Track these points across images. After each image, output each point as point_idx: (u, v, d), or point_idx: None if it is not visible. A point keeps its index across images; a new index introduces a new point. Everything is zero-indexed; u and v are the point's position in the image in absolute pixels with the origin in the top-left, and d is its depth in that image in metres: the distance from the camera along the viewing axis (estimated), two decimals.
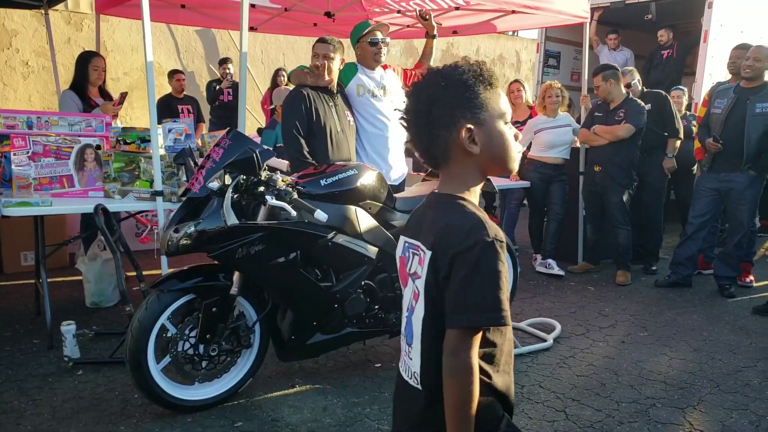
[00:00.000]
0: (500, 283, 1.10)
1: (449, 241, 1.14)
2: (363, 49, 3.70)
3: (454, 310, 1.11)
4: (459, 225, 1.15)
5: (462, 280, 1.10)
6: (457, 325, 1.11)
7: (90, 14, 7.94)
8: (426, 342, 1.19)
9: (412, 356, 1.23)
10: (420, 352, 1.20)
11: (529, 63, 12.45)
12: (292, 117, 3.41)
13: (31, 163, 3.37)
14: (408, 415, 1.26)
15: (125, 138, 3.63)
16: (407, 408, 1.26)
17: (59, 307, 3.89)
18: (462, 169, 1.22)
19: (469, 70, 1.21)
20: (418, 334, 1.20)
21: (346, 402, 2.83)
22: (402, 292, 1.30)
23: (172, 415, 2.65)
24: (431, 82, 1.21)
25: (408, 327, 1.24)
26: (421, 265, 1.19)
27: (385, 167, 3.70)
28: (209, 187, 2.51)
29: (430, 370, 1.18)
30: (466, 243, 1.11)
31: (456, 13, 5.51)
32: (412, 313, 1.22)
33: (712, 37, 6.23)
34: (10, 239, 4.79)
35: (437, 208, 1.23)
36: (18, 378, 3.00)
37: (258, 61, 9.29)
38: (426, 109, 1.19)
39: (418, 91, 1.22)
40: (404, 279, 1.28)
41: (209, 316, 2.62)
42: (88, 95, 4.40)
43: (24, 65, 7.79)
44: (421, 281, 1.19)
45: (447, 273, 1.13)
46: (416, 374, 1.21)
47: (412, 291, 1.23)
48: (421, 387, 1.21)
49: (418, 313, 1.20)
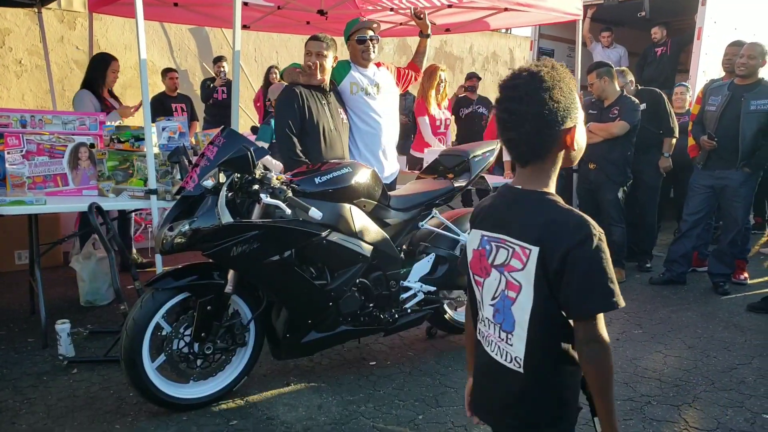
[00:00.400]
0: (612, 270, 1.25)
1: (559, 237, 1.25)
2: (352, 47, 3.70)
3: (584, 301, 1.24)
4: (564, 221, 1.27)
5: (585, 273, 1.23)
6: (590, 314, 1.24)
7: (83, 13, 7.91)
8: (533, 331, 1.29)
9: (512, 342, 1.33)
10: (526, 340, 1.30)
11: (523, 61, 12.42)
12: (284, 116, 3.40)
13: (24, 161, 3.35)
14: (503, 394, 1.37)
15: (119, 136, 3.62)
16: (503, 388, 1.37)
17: (54, 306, 3.88)
18: (551, 165, 1.34)
19: (565, 72, 1.33)
20: (523, 322, 1.30)
21: (341, 400, 2.84)
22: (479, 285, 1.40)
23: (167, 414, 2.65)
24: (538, 84, 1.28)
25: (504, 315, 1.34)
26: (522, 259, 1.29)
27: (378, 165, 3.70)
28: (204, 185, 2.51)
29: (536, 355, 1.30)
30: (577, 238, 1.23)
31: (449, 10, 5.51)
32: (512, 303, 1.32)
33: (706, 34, 6.25)
34: (3, 238, 4.77)
35: (528, 203, 1.33)
36: (13, 377, 2.99)
37: (251, 59, 9.27)
38: (538, 110, 1.27)
39: (525, 93, 1.28)
40: (481, 270, 1.39)
41: (204, 314, 2.61)
42: (102, 96, 4.55)
43: (17, 64, 7.75)
44: (523, 274, 1.29)
45: (559, 267, 1.24)
46: (518, 359, 1.32)
47: (504, 281, 1.33)
48: (523, 371, 1.31)
49: (522, 304, 1.30)
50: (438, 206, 3.36)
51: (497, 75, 12.38)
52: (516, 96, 1.29)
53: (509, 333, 1.34)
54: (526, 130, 1.29)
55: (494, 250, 1.36)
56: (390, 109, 3.81)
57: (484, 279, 1.39)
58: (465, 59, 11.89)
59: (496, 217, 1.39)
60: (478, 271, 1.41)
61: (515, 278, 1.31)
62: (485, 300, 1.40)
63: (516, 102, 1.29)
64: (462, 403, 2.82)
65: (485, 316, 1.41)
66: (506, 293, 1.33)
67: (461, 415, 2.73)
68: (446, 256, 3.25)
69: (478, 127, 6.68)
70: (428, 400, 2.87)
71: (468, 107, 7.16)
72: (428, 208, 3.30)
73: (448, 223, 3.32)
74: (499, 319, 1.36)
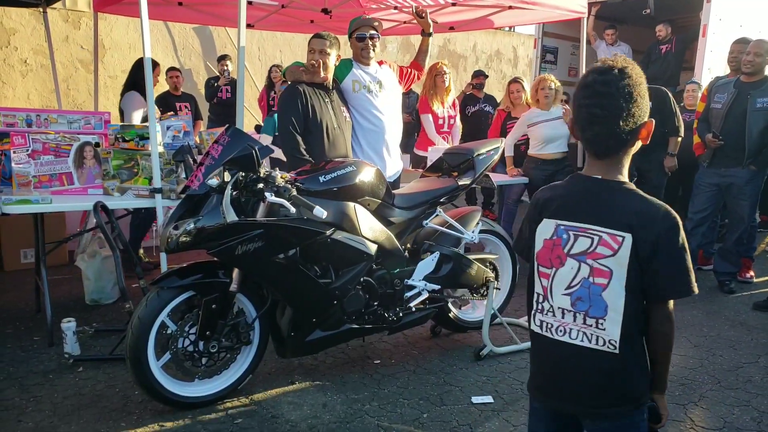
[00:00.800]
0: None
1: (650, 225, 1.36)
2: (353, 45, 3.71)
3: (672, 284, 1.38)
4: (654, 210, 1.38)
5: (674, 257, 1.36)
6: (680, 295, 1.39)
7: (88, 12, 7.93)
8: (628, 313, 1.39)
9: (604, 326, 1.40)
10: (621, 323, 1.39)
11: (527, 59, 12.44)
12: (288, 114, 3.40)
13: (30, 160, 3.37)
14: (594, 377, 1.44)
15: (124, 135, 3.63)
16: (593, 371, 1.43)
17: (59, 305, 3.90)
18: (626, 157, 1.44)
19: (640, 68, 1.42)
20: (618, 306, 1.39)
21: (345, 398, 2.84)
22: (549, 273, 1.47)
23: (172, 412, 2.66)
24: (629, 81, 1.37)
25: (591, 301, 1.41)
26: (612, 247, 1.38)
27: (380, 163, 3.69)
28: (208, 184, 2.51)
29: (631, 336, 1.40)
30: (666, 225, 1.36)
31: (453, 8, 5.51)
32: (602, 289, 1.40)
33: (711, 31, 6.22)
34: (9, 237, 4.79)
35: (612, 193, 1.42)
36: (19, 375, 3.00)
37: (255, 58, 9.28)
38: (627, 105, 1.36)
39: (617, 90, 1.36)
40: (553, 260, 1.46)
41: (209, 313, 2.62)
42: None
43: (22, 63, 7.77)
44: (614, 260, 1.38)
45: (650, 252, 1.36)
46: (613, 341, 1.40)
47: (586, 269, 1.41)
48: (619, 351, 1.40)
49: (615, 289, 1.39)
50: (442, 204, 3.36)
51: (501, 73, 12.36)
52: (608, 92, 1.37)
53: (600, 318, 1.41)
54: (616, 124, 1.37)
55: (572, 239, 1.42)
56: (392, 107, 3.80)
57: (556, 269, 1.45)
58: (468, 57, 11.88)
59: (572, 206, 1.45)
60: (545, 262, 1.47)
61: (605, 265, 1.39)
62: (555, 290, 1.46)
63: (608, 98, 1.37)
64: (466, 401, 2.83)
65: (556, 306, 1.46)
66: (592, 280, 1.40)
67: (465, 413, 2.74)
68: (450, 255, 3.25)
69: (485, 126, 6.65)
70: (433, 398, 2.87)
71: (474, 105, 7.11)
72: (432, 207, 3.30)
73: (452, 222, 3.32)
74: (583, 306, 1.42)
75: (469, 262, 3.34)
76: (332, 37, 3.49)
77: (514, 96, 5.60)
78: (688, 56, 7.20)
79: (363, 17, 3.87)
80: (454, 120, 5.69)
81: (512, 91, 5.64)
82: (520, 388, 2.98)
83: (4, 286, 4.42)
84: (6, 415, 2.62)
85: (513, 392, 2.94)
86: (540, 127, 5.04)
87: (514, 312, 4.03)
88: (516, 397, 2.89)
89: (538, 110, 5.08)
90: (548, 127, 5.02)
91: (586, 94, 1.40)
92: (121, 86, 5.34)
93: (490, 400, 2.85)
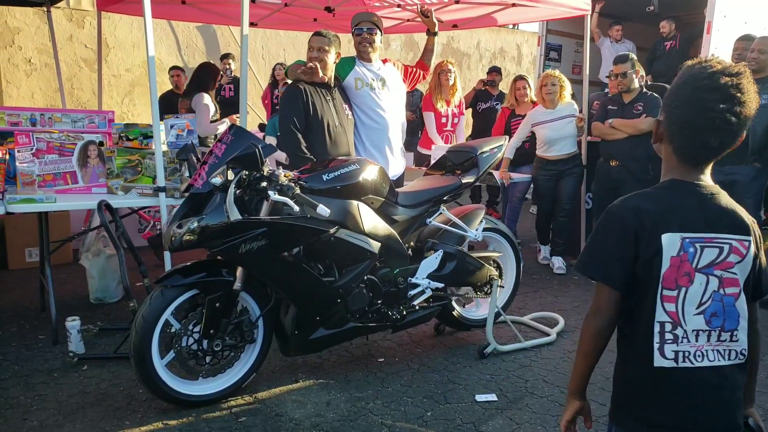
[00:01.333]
0: None
1: (751, 225, 1.36)
2: (355, 42, 3.71)
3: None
4: (744, 211, 1.38)
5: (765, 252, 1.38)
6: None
7: (92, 11, 7.94)
8: (749, 318, 1.38)
9: (737, 337, 1.35)
10: (747, 329, 1.36)
11: (530, 56, 12.41)
12: (289, 113, 3.41)
13: (35, 159, 3.38)
14: (731, 397, 1.35)
15: (128, 134, 3.64)
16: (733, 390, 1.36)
17: (63, 303, 3.91)
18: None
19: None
20: (744, 312, 1.36)
21: (349, 397, 2.85)
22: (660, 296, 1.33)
23: (176, 410, 2.67)
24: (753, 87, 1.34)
25: (726, 314, 1.34)
26: (741, 252, 1.34)
27: (383, 161, 3.69)
28: (212, 182, 2.51)
29: (750, 339, 1.38)
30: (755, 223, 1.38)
31: (456, 6, 5.49)
32: (735, 299, 1.34)
33: (716, 28, 6.18)
34: (14, 235, 4.80)
35: (721, 198, 1.37)
36: (24, 373, 3.02)
37: (259, 57, 9.28)
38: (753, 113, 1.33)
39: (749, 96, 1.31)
40: (681, 278, 1.32)
41: (213, 311, 2.62)
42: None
43: (27, 62, 7.79)
44: (740, 266, 1.34)
45: (756, 251, 1.36)
46: (743, 350, 1.36)
47: (715, 281, 1.33)
48: (745, 360, 1.36)
49: (743, 296, 1.35)
50: (446, 203, 3.36)
51: (505, 71, 12.33)
52: (744, 100, 1.30)
53: (734, 330, 1.35)
54: (741, 133, 1.32)
55: (698, 251, 1.32)
56: (395, 105, 3.79)
57: (686, 288, 1.32)
58: (472, 55, 11.85)
59: (691, 216, 1.34)
60: (671, 284, 1.32)
61: (733, 272, 1.34)
62: (687, 312, 1.32)
63: (743, 105, 1.30)
64: (470, 399, 2.83)
65: (690, 330, 1.32)
66: (724, 291, 1.33)
67: (469, 411, 2.73)
68: (454, 253, 3.25)
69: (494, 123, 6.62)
70: (436, 396, 2.87)
71: (486, 102, 7.01)
72: (436, 205, 3.30)
73: (455, 220, 3.31)
74: (718, 322, 1.33)
75: (473, 260, 3.33)
76: (332, 35, 3.49)
77: (520, 93, 5.54)
78: (692, 53, 7.16)
79: (364, 12, 3.85)
80: (459, 119, 5.67)
81: (518, 88, 5.58)
82: (524, 386, 2.97)
83: (9, 285, 4.43)
84: (11, 414, 2.63)
85: (517, 390, 2.94)
86: (543, 129, 4.98)
87: (517, 310, 4.03)
88: (520, 395, 2.89)
89: (543, 109, 5.01)
90: (552, 128, 4.94)
91: (720, 98, 1.28)
92: (125, 85, 5.37)
93: (494, 398, 2.85)
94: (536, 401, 2.84)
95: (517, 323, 3.70)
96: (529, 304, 4.25)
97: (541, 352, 3.42)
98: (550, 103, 4.97)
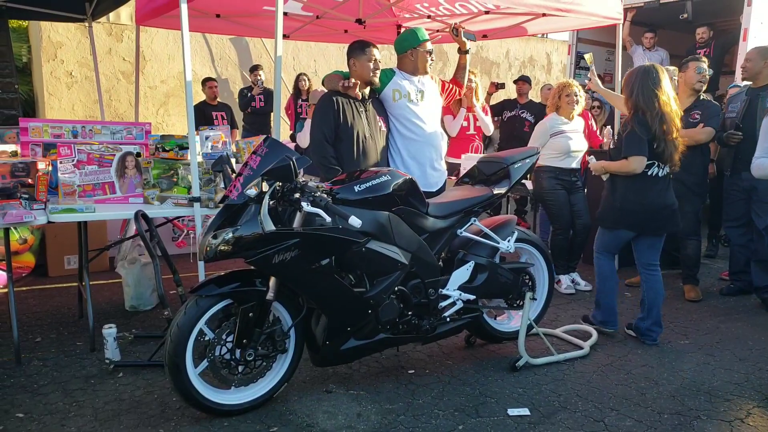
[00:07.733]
0: None
1: None
2: (419, 56, 3.68)
3: None
4: None
5: None
6: None
7: (130, 25, 8.18)
8: None
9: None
10: None
11: (560, 65, 12.30)
12: (320, 123, 3.46)
13: (75, 170, 3.47)
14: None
15: (164, 145, 3.72)
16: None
17: (100, 310, 4.00)
18: None
19: None
20: None
21: (380, 408, 2.84)
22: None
23: (209, 419, 2.69)
24: None
25: None
26: None
27: (421, 172, 3.69)
28: (247, 194, 2.55)
29: None
30: None
31: (486, 16, 5.50)
32: None
33: (752, 35, 6.05)
34: (54, 243, 4.95)
35: None
36: (62, 379, 3.09)
37: (290, 68, 9.41)
38: None
39: None
40: None
41: (246, 321, 2.65)
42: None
43: (68, 75, 8.05)
44: None
45: None
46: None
47: None
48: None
49: None
50: (477, 214, 3.34)
51: (534, 79, 12.24)
52: None
53: None
54: None
55: None
56: (434, 118, 3.80)
57: None
58: (501, 64, 11.80)
59: None
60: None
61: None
62: None
63: None
64: (502, 413, 2.79)
65: None
66: None
67: (501, 425, 2.70)
68: (485, 264, 3.23)
69: (518, 132, 6.55)
70: (468, 410, 2.84)
71: (512, 110, 6.94)
72: (467, 216, 3.28)
73: (487, 231, 3.29)
74: None
75: (505, 271, 3.30)
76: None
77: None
78: (728, 60, 7.01)
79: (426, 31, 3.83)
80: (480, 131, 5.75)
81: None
82: (556, 400, 2.92)
83: (49, 292, 4.56)
84: (50, 419, 2.69)
85: (550, 405, 2.89)
86: (564, 138, 4.61)
87: (550, 323, 3.97)
88: (553, 410, 2.84)
89: (560, 118, 4.69)
90: (574, 140, 4.63)
91: None
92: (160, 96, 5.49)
93: (527, 413, 2.81)
94: (570, 416, 2.79)
95: (549, 336, 3.65)
96: (561, 316, 4.19)
97: (574, 365, 3.36)
98: (568, 113, 4.67)
